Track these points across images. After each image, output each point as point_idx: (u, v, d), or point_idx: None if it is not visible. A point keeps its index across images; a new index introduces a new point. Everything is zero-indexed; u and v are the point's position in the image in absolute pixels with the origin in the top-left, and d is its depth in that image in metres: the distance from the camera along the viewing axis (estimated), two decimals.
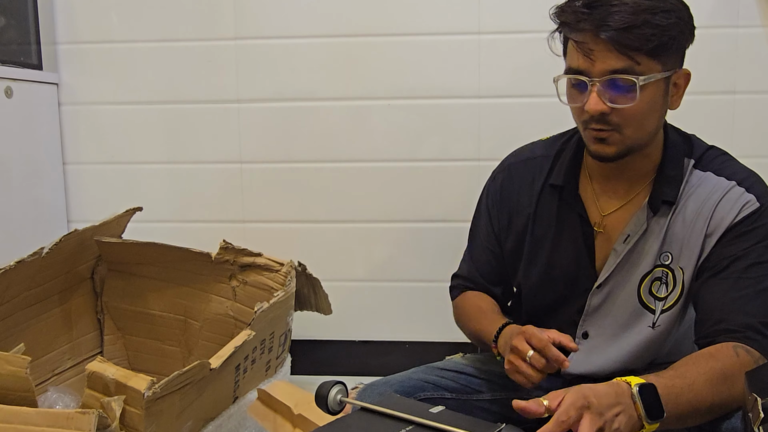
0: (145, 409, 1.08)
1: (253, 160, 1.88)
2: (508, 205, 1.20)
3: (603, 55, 0.96)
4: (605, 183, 1.12)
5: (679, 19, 0.98)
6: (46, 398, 1.41)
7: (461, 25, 1.77)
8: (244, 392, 1.43)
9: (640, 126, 1.01)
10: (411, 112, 1.81)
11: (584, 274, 1.12)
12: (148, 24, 1.85)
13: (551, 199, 1.16)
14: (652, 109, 1.01)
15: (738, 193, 1.04)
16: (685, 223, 1.06)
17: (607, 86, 0.98)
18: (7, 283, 1.37)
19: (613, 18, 0.94)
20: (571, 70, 1.01)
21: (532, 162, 1.20)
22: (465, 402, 1.18)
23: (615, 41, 0.95)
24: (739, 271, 1.01)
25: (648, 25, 0.94)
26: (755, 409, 0.78)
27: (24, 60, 1.79)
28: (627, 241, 1.08)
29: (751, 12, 1.70)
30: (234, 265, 1.61)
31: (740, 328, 0.97)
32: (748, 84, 1.72)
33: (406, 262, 1.86)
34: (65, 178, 1.92)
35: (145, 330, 1.70)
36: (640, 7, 0.94)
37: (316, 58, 1.82)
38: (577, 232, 1.13)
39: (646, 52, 0.96)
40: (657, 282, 1.08)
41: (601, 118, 0.99)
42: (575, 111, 1.05)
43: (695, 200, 1.06)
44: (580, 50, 0.99)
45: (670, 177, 1.07)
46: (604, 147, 1.02)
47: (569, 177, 1.14)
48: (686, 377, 0.89)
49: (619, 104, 0.98)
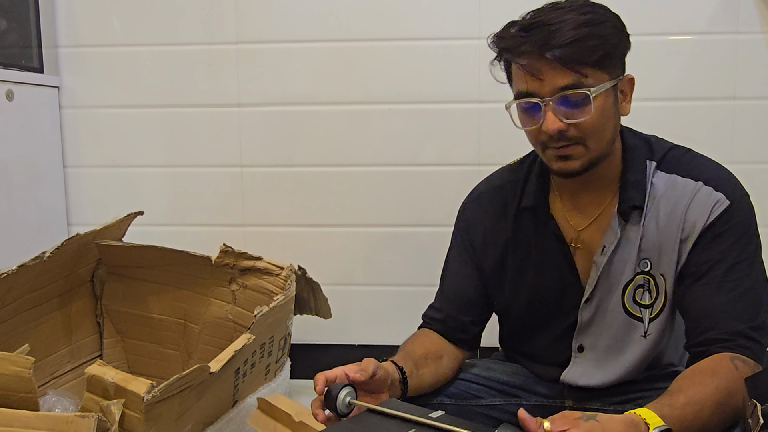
0: (144, 412, 1.08)
1: (254, 164, 1.88)
2: (482, 233, 1.20)
3: (551, 73, 0.97)
4: (574, 199, 1.12)
5: (615, 27, 1.00)
6: (45, 401, 1.41)
7: (462, 30, 1.77)
8: (244, 396, 1.42)
9: (600, 136, 1.01)
10: (411, 116, 1.82)
11: (571, 290, 1.12)
12: (150, 28, 1.86)
13: (527, 223, 1.16)
14: (607, 118, 1.01)
15: (706, 193, 1.03)
16: (658, 230, 1.06)
17: (560, 103, 0.98)
18: (8, 286, 1.37)
19: (555, 36, 0.95)
20: (521, 94, 1.02)
21: (501, 189, 1.20)
22: (464, 407, 1.18)
23: (561, 59, 0.96)
24: (720, 275, 1.00)
25: (590, 38, 0.96)
26: (755, 415, 0.78)
27: (25, 63, 1.80)
28: (604, 252, 1.08)
29: (751, 18, 1.70)
30: (234, 268, 1.61)
31: (730, 336, 0.97)
32: (749, 90, 1.72)
33: (406, 267, 1.86)
34: (66, 182, 1.92)
35: (145, 333, 1.70)
36: (577, 21, 0.96)
37: (316, 62, 1.83)
38: (556, 251, 1.13)
39: (592, 64, 0.97)
40: (640, 289, 1.08)
41: (560, 135, 1.00)
42: (532, 134, 1.04)
43: (666, 205, 1.05)
44: (527, 73, 0.99)
45: (634, 182, 1.06)
46: (568, 163, 1.02)
47: (539, 198, 1.14)
48: (695, 404, 0.88)
49: (576, 119, 0.99)
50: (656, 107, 1.73)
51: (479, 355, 1.41)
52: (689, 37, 1.73)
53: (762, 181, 1.74)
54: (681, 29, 1.73)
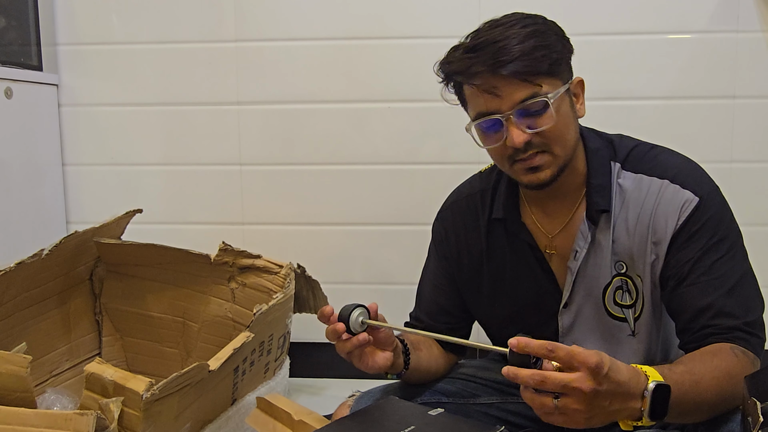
0: (143, 410, 1.07)
1: (253, 162, 1.88)
2: (456, 244, 1.20)
3: (508, 89, 0.98)
4: (544, 206, 1.12)
5: (557, 35, 1.02)
6: (44, 399, 1.41)
7: (461, 28, 1.75)
8: (243, 394, 1.42)
9: (563, 141, 1.02)
10: (411, 115, 1.81)
11: (549, 298, 1.12)
12: (149, 26, 1.86)
13: (499, 234, 1.15)
14: (567, 122, 1.02)
15: (673, 191, 1.02)
16: (629, 232, 1.05)
17: (520, 116, 0.99)
18: (6, 284, 1.37)
19: (504, 52, 0.96)
20: (481, 114, 1.02)
21: (472, 198, 1.20)
22: (462, 406, 1.18)
23: (514, 72, 0.96)
24: (704, 274, 0.99)
25: (538, 49, 0.97)
26: (755, 413, 0.78)
27: (24, 61, 1.79)
28: (576, 257, 1.08)
29: (750, 17, 1.70)
30: (233, 267, 1.61)
31: (727, 331, 0.96)
32: (748, 89, 1.72)
33: (405, 265, 1.86)
34: (64, 179, 1.92)
35: (144, 332, 1.70)
36: (522, 35, 0.97)
37: (316, 60, 1.82)
38: (531, 258, 1.12)
39: (544, 73, 0.98)
40: (620, 291, 1.07)
41: (526, 147, 1.00)
42: (496, 151, 1.04)
43: (634, 206, 1.05)
44: (483, 92, 0.99)
45: (600, 186, 1.06)
46: (537, 175, 1.02)
47: (509, 208, 1.14)
48: (694, 374, 0.89)
49: (539, 127, 0.99)
50: (656, 106, 1.73)
51: (477, 355, 1.41)
52: (689, 35, 1.73)
53: (762, 180, 1.74)
54: (681, 28, 1.73)
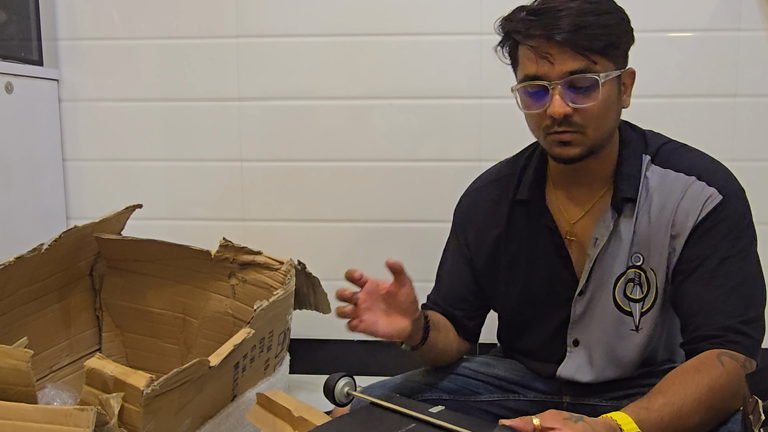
0: (143, 406, 1.07)
1: (254, 159, 1.87)
2: (475, 228, 1.20)
3: (560, 57, 0.97)
4: (569, 190, 1.12)
5: (621, 19, 1.02)
6: (44, 395, 1.41)
7: (463, 25, 1.77)
8: (243, 391, 1.42)
9: (601, 125, 1.02)
10: (412, 111, 1.81)
11: (565, 283, 1.12)
12: (149, 21, 1.85)
13: (520, 216, 1.16)
14: (610, 108, 1.02)
15: (699, 188, 1.03)
16: (650, 224, 1.05)
17: (567, 88, 0.98)
18: (5, 278, 1.37)
19: (563, 21, 0.96)
20: (528, 77, 1.01)
21: (497, 183, 1.20)
22: (462, 403, 1.18)
23: (570, 42, 0.96)
24: (711, 270, 1.00)
25: (596, 26, 0.97)
26: (756, 411, 0.78)
27: (25, 56, 1.79)
28: (596, 245, 1.08)
29: (752, 15, 1.70)
30: (234, 263, 1.60)
31: (720, 332, 0.97)
32: (750, 87, 1.72)
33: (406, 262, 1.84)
34: (65, 175, 1.92)
35: (144, 327, 1.70)
36: (584, 10, 0.97)
37: (317, 57, 1.82)
38: (550, 244, 1.12)
39: (599, 51, 0.98)
40: (631, 284, 1.07)
41: (564, 120, 0.99)
42: (535, 118, 1.04)
43: (658, 199, 1.05)
44: (536, 55, 0.99)
45: (628, 175, 1.06)
46: (567, 149, 1.02)
47: (534, 190, 1.14)
48: (674, 403, 0.89)
49: (582, 104, 0.99)
50: (657, 104, 1.73)
51: (478, 351, 1.41)
52: (691, 34, 1.72)
53: (763, 178, 1.74)
54: (682, 26, 1.73)
